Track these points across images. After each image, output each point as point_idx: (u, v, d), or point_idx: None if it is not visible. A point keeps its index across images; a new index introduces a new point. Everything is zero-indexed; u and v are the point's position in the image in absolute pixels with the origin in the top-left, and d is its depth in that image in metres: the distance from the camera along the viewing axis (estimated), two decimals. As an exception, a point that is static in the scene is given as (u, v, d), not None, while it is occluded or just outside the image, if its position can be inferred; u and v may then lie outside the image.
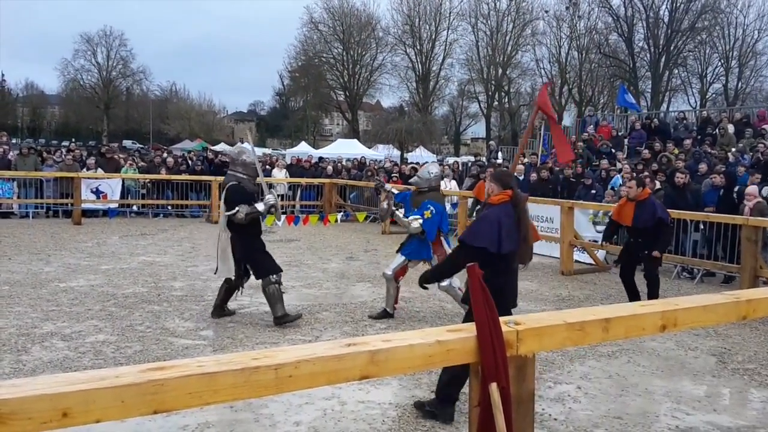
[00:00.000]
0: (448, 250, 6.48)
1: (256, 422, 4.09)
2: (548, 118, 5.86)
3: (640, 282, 7.66)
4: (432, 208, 6.56)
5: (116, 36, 61.67)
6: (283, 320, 6.28)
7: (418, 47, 52.13)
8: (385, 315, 6.84)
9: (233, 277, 6.42)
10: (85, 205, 14.80)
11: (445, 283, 6.47)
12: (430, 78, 52.77)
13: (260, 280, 6.36)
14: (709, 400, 4.76)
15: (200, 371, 1.74)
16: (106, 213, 15.56)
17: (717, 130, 16.74)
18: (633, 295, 7.57)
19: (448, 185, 14.97)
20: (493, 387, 2.11)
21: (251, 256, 6.40)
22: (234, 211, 6.16)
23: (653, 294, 7.36)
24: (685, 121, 19.54)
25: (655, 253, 7.30)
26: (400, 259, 6.85)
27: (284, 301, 6.47)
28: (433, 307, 7.38)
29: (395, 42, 52.60)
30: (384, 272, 6.96)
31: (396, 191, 7.95)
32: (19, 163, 15.55)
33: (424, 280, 4.56)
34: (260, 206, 6.36)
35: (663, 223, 7.30)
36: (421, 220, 6.52)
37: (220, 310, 6.64)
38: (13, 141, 32.61)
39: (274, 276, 6.34)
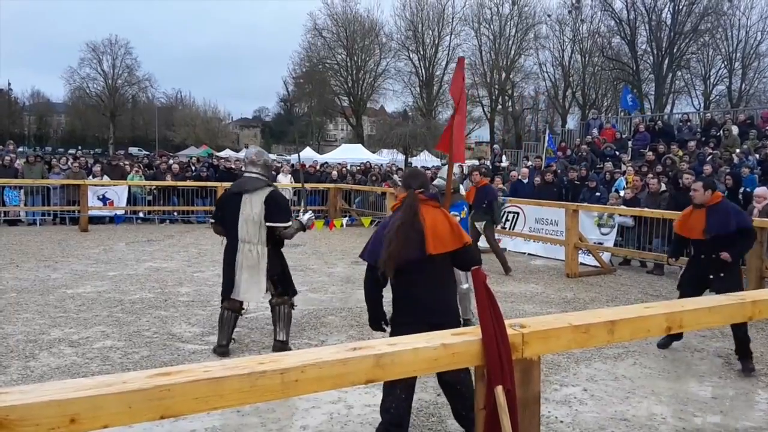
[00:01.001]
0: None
1: (263, 426, 4.10)
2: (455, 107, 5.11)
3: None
4: (465, 208, 6.62)
5: (122, 44, 62.03)
6: (286, 346, 5.65)
7: (422, 52, 52.18)
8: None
9: (261, 298, 5.72)
10: (91, 212, 14.85)
11: (466, 286, 6.50)
12: (434, 83, 52.80)
13: (274, 298, 5.73)
14: (716, 401, 4.74)
15: (207, 376, 1.75)
16: (113, 220, 15.61)
17: (721, 132, 16.72)
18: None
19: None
20: (499, 390, 2.11)
21: (285, 272, 5.76)
22: (288, 224, 5.48)
23: (742, 348, 5.55)
24: (689, 123, 19.52)
25: (725, 255, 5.66)
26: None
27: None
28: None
29: (398, 47, 52.67)
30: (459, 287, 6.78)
31: None
32: (26, 171, 15.63)
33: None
34: (305, 218, 5.85)
35: (747, 233, 5.83)
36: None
37: (227, 345, 5.66)
38: (20, 149, 32.80)
39: (293, 298, 5.85)
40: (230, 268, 5.48)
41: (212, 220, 5.90)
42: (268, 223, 5.36)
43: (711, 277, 5.79)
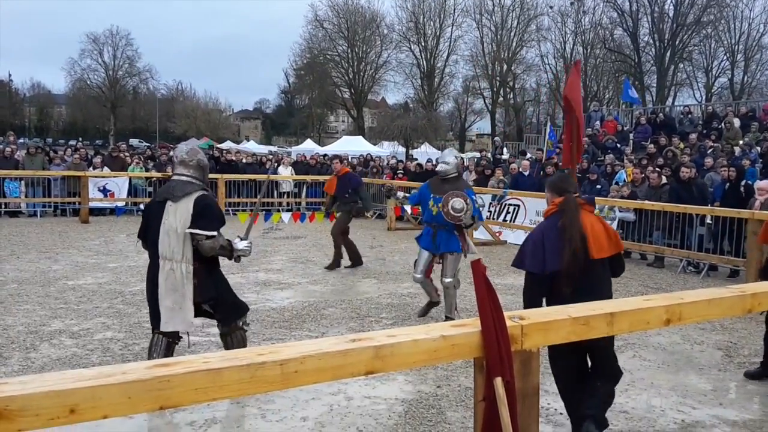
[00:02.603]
0: (469, 242, 6.36)
1: (263, 418, 4.11)
2: (569, 109, 4.91)
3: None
4: (474, 195, 6.46)
5: (122, 35, 61.81)
6: None
7: (423, 44, 52.02)
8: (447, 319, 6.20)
9: (192, 328, 4.62)
10: (92, 204, 14.87)
11: (449, 280, 6.45)
12: (435, 75, 52.66)
13: (219, 328, 4.70)
14: (715, 393, 4.75)
15: (206, 367, 1.75)
16: (114, 211, 15.61)
17: (723, 124, 16.68)
18: None
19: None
20: (498, 381, 2.11)
21: (221, 297, 4.57)
22: (213, 233, 4.33)
23: None
24: (690, 116, 19.47)
25: None
26: (424, 256, 6.57)
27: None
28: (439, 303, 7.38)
29: (400, 39, 52.52)
30: (413, 276, 6.72)
31: (407, 195, 7.79)
32: (27, 162, 15.63)
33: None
34: (240, 245, 4.61)
35: None
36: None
37: None
38: (21, 140, 32.76)
39: (243, 319, 4.72)
40: (150, 294, 4.44)
41: (138, 238, 4.66)
42: (188, 230, 4.27)
43: None
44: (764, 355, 5.22)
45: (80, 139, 42.55)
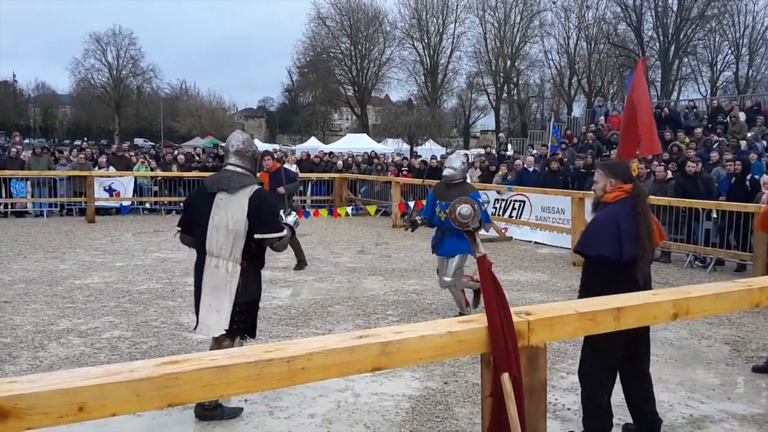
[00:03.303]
0: (479, 242, 6.22)
1: (271, 415, 4.12)
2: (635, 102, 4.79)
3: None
4: (480, 198, 6.37)
5: (125, 35, 61.96)
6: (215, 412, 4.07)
7: (426, 41, 52.01)
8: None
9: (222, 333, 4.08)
10: (98, 203, 14.91)
11: (449, 279, 6.41)
12: (439, 71, 52.64)
13: (226, 339, 4.14)
14: (723, 388, 4.74)
15: (213, 364, 1.75)
16: (119, 210, 15.65)
17: (728, 119, 16.61)
18: None
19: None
20: (505, 377, 2.11)
21: (256, 302, 4.30)
22: (283, 233, 4.15)
23: None
24: (695, 110, 19.39)
25: None
26: (454, 261, 6.37)
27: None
28: (446, 299, 7.38)
29: (403, 36, 52.56)
30: (443, 280, 6.47)
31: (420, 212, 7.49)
32: (33, 162, 15.67)
33: None
34: (290, 220, 4.68)
35: None
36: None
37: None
38: (26, 141, 32.87)
39: (246, 340, 4.34)
40: (196, 291, 4.17)
41: (179, 228, 4.32)
42: (257, 235, 4.03)
43: None
44: None
45: (85, 138, 42.61)
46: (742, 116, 16.36)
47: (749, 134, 14.59)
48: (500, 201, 13.20)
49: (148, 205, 16.40)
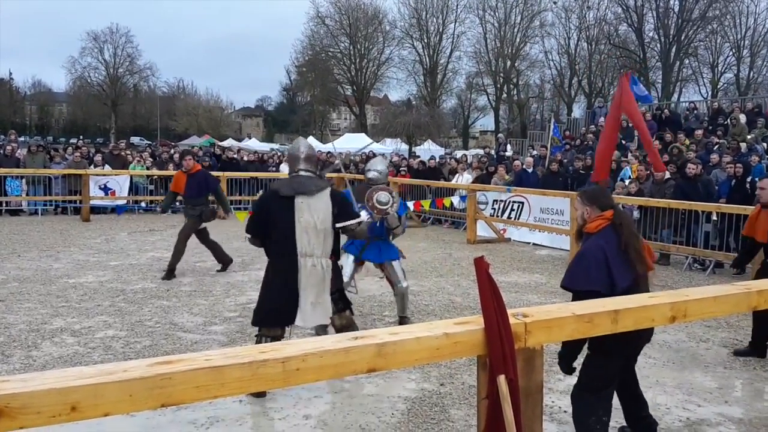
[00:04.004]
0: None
1: (266, 416, 4.10)
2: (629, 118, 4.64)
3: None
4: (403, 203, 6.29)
5: (122, 33, 61.81)
6: None
7: (426, 40, 52.00)
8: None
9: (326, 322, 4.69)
10: (93, 202, 14.87)
11: (406, 284, 6.29)
12: (438, 71, 52.63)
13: (336, 319, 4.76)
14: (721, 391, 4.73)
15: (208, 365, 1.74)
16: (115, 209, 15.63)
17: (729, 120, 16.62)
18: (759, 347, 5.55)
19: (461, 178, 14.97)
20: (501, 379, 2.10)
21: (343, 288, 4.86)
22: (361, 219, 4.75)
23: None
24: (696, 112, 19.41)
25: None
26: (398, 266, 6.28)
27: None
28: (442, 301, 7.37)
29: (402, 35, 52.53)
30: (400, 285, 6.28)
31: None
32: (28, 160, 15.64)
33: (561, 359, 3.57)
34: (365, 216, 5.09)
35: None
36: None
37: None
38: (22, 139, 32.82)
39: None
40: (284, 291, 4.42)
41: (248, 235, 4.66)
42: (339, 224, 4.49)
43: None
44: (752, 334, 5.57)
45: (81, 137, 42.58)
46: (742, 118, 16.36)
47: (749, 136, 14.59)
48: (499, 202, 13.18)
49: (143, 204, 16.37)
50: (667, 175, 10.98)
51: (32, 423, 1.55)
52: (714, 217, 9.91)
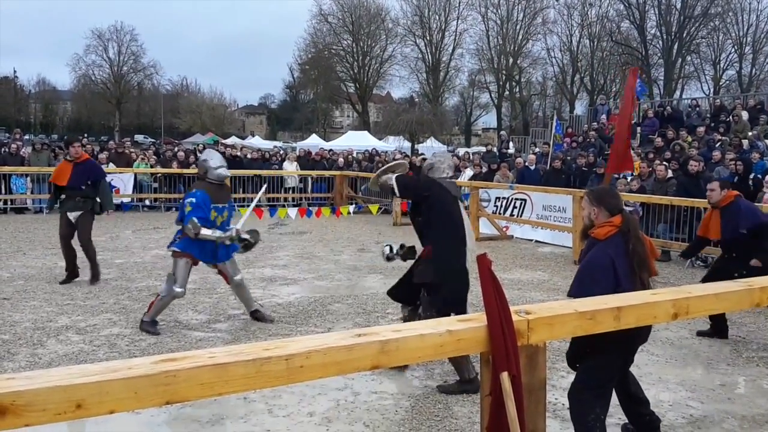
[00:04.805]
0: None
1: (270, 413, 4.12)
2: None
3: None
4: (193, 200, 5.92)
5: (127, 31, 61.91)
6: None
7: (428, 38, 51.97)
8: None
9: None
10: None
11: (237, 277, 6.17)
12: (441, 69, 52.61)
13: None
14: (724, 389, 4.73)
15: (212, 362, 1.75)
16: (119, 207, 15.64)
17: (731, 117, 16.57)
18: (721, 329, 5.98)
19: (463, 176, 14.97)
20: (504, 376, 2.11)
21: None
22: None
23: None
24: (698, 109, 19.35)
25: (754, 262, 5.74)
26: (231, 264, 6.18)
27: None
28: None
29: (405, 33, 52.53)
30: (175, 290, 5.91)
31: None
32: (33, 158, 15.67)
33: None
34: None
35: (762, 232, 5.77)
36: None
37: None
38: (26, 137, 32.84)
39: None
40: (465, 280, 4.74)
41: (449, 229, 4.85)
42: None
43: (736, 275, 5.51)
44: (710, 316, 5.83)
45: (85, 135, 42.62)
46: (744, 115, 16.32)
47: (751, 133, 14.56)
48: (501, 199, 13.18)
49: (147, 202, 16.40)
50: (669, 173, 10.98)
51: (38, 420, 1.56)
52: None
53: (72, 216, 7.83)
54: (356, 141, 34.76)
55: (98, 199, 7.99)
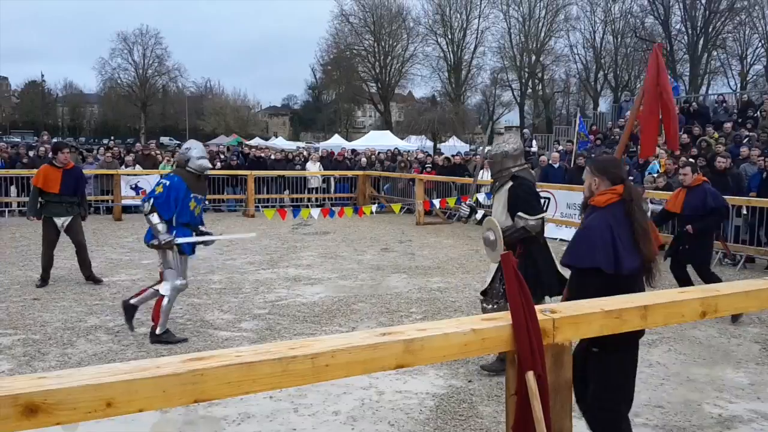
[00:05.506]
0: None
1: (296, 412, 4.14)
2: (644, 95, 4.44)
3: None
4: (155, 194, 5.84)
5: (152, 34, 62.60)
6: None
7: (450, 36, 51.78)
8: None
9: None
10: (125, 202, 15.09)
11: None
12: (462, 67, 52.39)
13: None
14: (753, 388, 4.66)
15: (239, 361, 1.77)
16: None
17: (758, 113, 16.28)
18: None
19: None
20: (530, 375, 2.10)
21: None
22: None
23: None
24: (724, 104, 19.06)
25: (689, 228, 6.64)
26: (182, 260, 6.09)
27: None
28: (469, 297, 7.36)
29: (426, 32, 52.37)
30: (178, 284, 5.96)
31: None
32: (61, 161, 15.89)
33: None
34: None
35: (717, 212, 6.70)
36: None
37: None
38: (54, 140, 33.36)
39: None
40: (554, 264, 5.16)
41: (539, 216, 5.36)
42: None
43: (680, 248, 6.84)
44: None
45: (112, 137, 43.26)
46: (772, 110, 16.03)
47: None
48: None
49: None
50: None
51: (68, 419, 1.59)
52: (744, 211, 9.73)
53: (60, 221, 7.88)
54: (378, 141, 34.76)
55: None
